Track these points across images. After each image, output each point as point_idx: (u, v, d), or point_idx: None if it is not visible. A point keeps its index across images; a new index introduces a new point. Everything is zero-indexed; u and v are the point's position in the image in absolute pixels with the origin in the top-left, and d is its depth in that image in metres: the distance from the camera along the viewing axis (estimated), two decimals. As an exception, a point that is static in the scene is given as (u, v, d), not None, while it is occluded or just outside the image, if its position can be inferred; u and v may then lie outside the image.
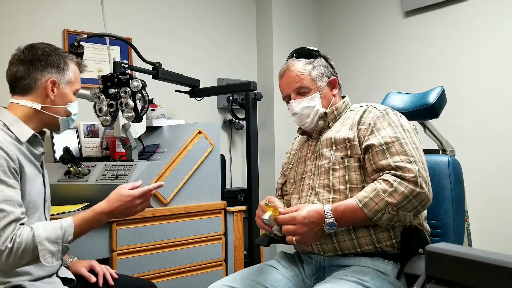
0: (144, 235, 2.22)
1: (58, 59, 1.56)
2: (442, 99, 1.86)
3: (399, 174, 1.37)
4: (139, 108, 2.18)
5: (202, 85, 2.85)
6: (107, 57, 2.77)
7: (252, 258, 2.58)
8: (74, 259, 1.75)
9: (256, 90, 2.70)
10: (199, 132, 2.48)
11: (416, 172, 1.37)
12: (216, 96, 3.39)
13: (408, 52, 3.20)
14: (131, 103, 2.16)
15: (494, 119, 2.74)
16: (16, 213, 1.37)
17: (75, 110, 1.63)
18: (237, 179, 3.48)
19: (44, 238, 1.38)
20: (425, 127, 2.06)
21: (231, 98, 3.17)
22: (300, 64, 1.64)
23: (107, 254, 2.10)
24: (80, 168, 2.27)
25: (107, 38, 2.62)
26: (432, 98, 1.84)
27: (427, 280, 0.78)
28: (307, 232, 1.38)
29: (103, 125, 2.29)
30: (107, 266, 1.76)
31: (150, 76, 2.48)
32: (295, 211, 1.40)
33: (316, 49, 1.67)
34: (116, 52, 2.95)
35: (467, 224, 2.01)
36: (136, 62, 2.69)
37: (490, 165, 2.74)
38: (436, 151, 2.05)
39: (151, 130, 2.63)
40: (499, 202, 2.70)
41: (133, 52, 2.59)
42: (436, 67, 3.03)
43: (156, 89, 2.74)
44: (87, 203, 2.23)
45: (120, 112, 2.23)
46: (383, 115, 1.52)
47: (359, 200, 1.39)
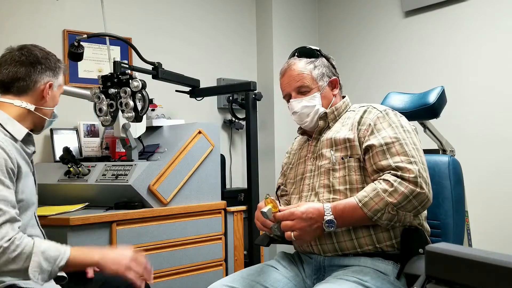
0: (144, 235, 2.22)
1: (54, 63, 1.62)
2: (442, 99, 1.86)
3: (400, 174, 1.37)
4: (139, 108, 2.18)
5: (202, 85, 2.85)
6: (107, 57, 2.77)
7: (252, 258, 2.58)
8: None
9: (256, 90, 2.70)
10: (199, 132, 2.48)
11: (416, 173, 1.37)
12: (216, 96, 3.39)
13: (408, 52, 3.20)
14: (131, 103, 2.16)
15: (494, 119, 2.74)
16: (11, 213, 1.38)
17: (57, 112, 1.70)
18: (237, 179, 3.48)
19: (41, 251, 1.37)
20: (425, 127, 2.06)
21: (231, 98, 3.17)
22: (302, 63, 1.64)
23: (107, 254, 2.10)
24: (80, 168, 2.27)
25: (107, 38, 2.62)
26: (432, 98, 1.84)
27: (427, 280, 0.78)
28: (305, 227, 1.38)
29: (103, 125, 2.29)
30: None
31: (150, 76, 2.48)
32: (294, 208, 1.41)
33: (318, 48, 1.67)
34: (116, 52, 2.95)
35: (467, 224, 2.01)
36: (136, 62, 2.69)
37: (490, 165, 2.74)
38: (436, 151, 2.05)
39: (151, 130, 2.63)
40: (499, 202, 2.70)
41: (133, 52, 2.59)
42: (436, 67, 3.03)
43: (156, 89, 2.74)
44: (87, 203, 2.23)
45: (120, 112, 2.23)
46: (383, 115, 1.52)
47: (359, 199, 1.39)
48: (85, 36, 2.19)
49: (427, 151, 1.58)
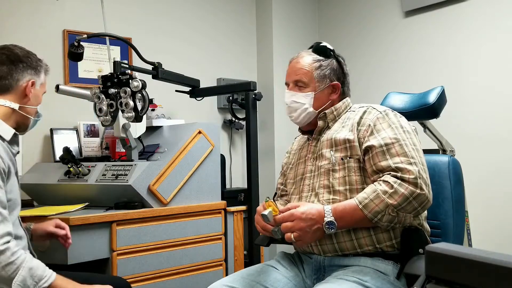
0: (144, 235, 2.22)
1: (36, 62, 1.62)
2: (442, 99, 1.86)
3: (399, 175, 1.37)
4: (139, 108, 2.18)
5: (202, 85, 2.85)
6: (107, 57, 2.77)
7: (252, 258, 2.58)
8: (31, 226, 1.77)
9: (256, 90, 2.70)
10: (199, 132, 2.48)
11: (416, 174, 1.36)
12: (216, 96, 3.39)
13: (408, 52, 3.20)
14: (131, 103, 2.16)
15: (494, 119, 2.74)
16: (4, 213, 1.39)
17: (41, 111, 1.70)
18: (237, 179, 3.48)
19: (29, 267, 1.38)
20: (425, 127, 2.06)
21: (231, 98, 3.17)
22: (309, 59, 1.63)
23: (107, 254, 2.10)
24: (80, 168, 2.27)
25: (107, 38, 2.62)
26: (432, 98, 1.84)
27: (427, 280, 0.78)
28: (305, 228, 1.38)
29: (103, 125, 2.29)
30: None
31: (150, 76, 2.48)
32: (294, 208, 1.41)
33: (333, 49, 1.66)
34: (116, 52, 2.95)
35: (467, 224, 2.01)
36: (136, 62, 2.69)
37: (490, 165, 2.74)
38: (436, 151, 2.05)
39: (151, 130, 2.63)
40: (499, 202, 2.70)
41: (133, 52, 2.59)
42: (436, 67, 3.03)
43: (156, 89, 2.74)
44: (87, 203, 2.23)
45: (120, 112, 2.23)
46: (383, 116, 1.52)
47: (359, 201, 1.38)
48: (85, 36, 2.19)
49: (427, 151, 1.58)
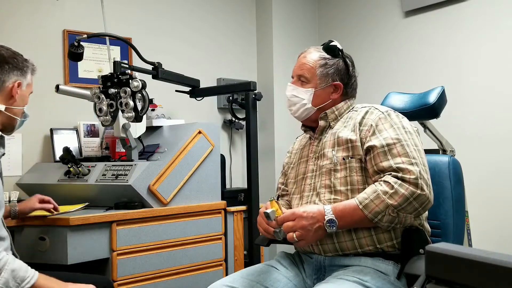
0: (144, 235, 2.22)
1: (22, 62, 1.60)
2: (442, 99, 1.86)
3: (400, 175, 1.37)
4: (139, 108, 2.18)
5: (202, 85, 2.85)
6: (107, 57, 2.77)
7: (252, 258, 2.58)
8: (16, 208, 1.80)
9: (256, 90, 2.70)
10: (199, 132, 2.48)
11: (417, 174, 1.36)
12: (216, 96, 3.39)
13: (408, 52, 3.20)
14: (131, 103, 2.16)
15: (494, 119, 2.74)
16: None
17: (28, 112, 1.68)
18: (237, 179, 3.48)
19: (11, 269, 1.38)
20: (425, 127, 2.06)
21: (231, 98, 3.17)
22: (315, 55, 1.64)
23: (107, 254, 2.10)
24: (80, 168, 2.27)
25: (107, 38, 2.62)
26: (432, 98, 1.84)
27: (427, 280, 0.78)
28: (306, 226, 1.38)
29: (103, 125, 2.29)
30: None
31: (150, 76, 2.48)
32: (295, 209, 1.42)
33: (341, 48, 1.66)
34: (116, 52, 2.95)
35: (467, 224, 2.01)
36: (136, 62, 2.69)
37: (490, 165, 2.74)
38: (436, 151, 2.05)
39: (151, 130, 2.63)
40: (499, 202, 2.69)
41: (133, 52, 2.59)
42: (436, 67, 3.03)
43: (156, 89, 2.74)
44: (87, 203, 2.23)
45: (120, 112, 2.23)
46: (385, 116, 1.52)
47: (359, 201, 1.38)
48: (85, 36, 2.19)
49: (427, 151, 1.57)
